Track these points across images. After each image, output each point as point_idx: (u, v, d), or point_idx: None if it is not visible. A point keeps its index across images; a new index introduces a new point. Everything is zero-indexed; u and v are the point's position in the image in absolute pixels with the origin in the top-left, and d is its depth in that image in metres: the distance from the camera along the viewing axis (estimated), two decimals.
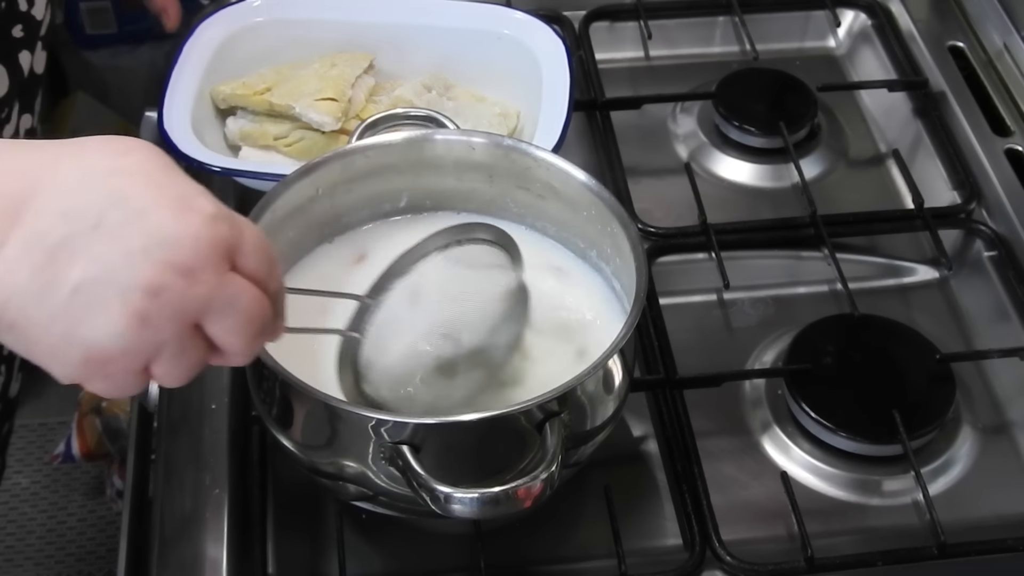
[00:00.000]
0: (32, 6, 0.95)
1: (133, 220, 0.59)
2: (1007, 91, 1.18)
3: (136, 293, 0.58)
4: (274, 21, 1.12)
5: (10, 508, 1.97)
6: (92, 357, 0.59)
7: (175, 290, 0.59)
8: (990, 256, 1.07)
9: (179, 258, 0.59)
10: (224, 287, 0.61)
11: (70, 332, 0.58)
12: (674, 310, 1.01)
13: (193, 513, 0.85)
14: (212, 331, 0.61)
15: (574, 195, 0.88)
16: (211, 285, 0.60)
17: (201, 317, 0.60)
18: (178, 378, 0.62)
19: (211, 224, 0.60)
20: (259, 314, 0.62)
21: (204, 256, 0.60)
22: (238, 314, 0.61)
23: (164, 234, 0.59)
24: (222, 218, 0.61)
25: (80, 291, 0.58)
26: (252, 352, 0.64)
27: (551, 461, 0.72)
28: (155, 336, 0.59)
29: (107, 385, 0.61)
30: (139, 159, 0.62)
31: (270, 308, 0.63)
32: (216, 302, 0.60)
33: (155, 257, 0.58)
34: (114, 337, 0.58)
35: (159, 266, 0.58)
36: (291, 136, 1.06)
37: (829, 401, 0.93)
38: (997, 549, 0.87)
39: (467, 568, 0.85)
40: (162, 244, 0.59)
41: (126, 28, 2.02)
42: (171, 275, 0.58)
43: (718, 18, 1.28)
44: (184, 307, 0.59)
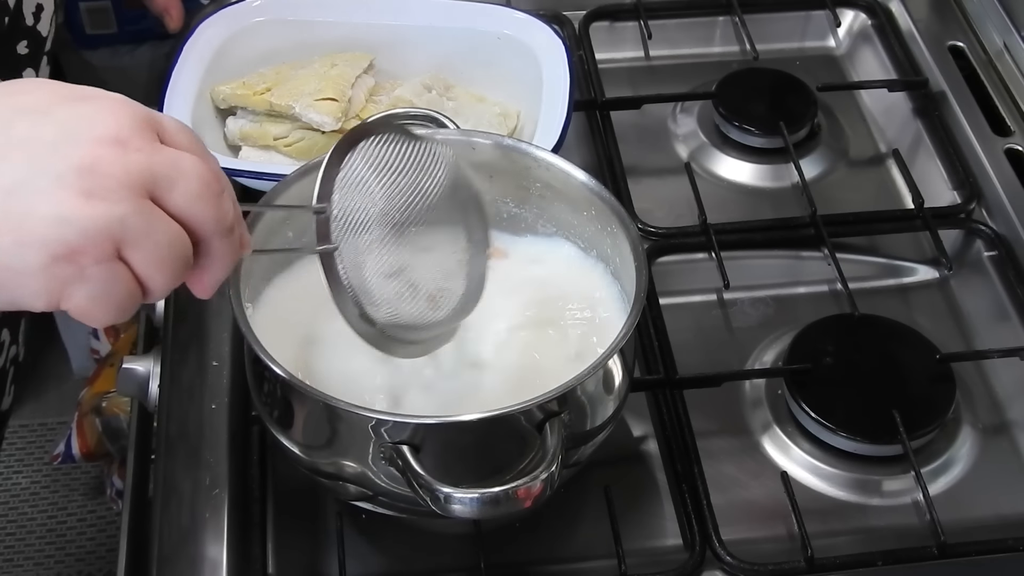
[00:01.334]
0: (38, 21, 0.94)
1: (42, 119, 0.57)
2: (1007, 91, 1.18)
3: (72, 174, 0.56)
4: (274, 21, 1.12)
5: (10, 508, 1.97)
6: (55, 253, 0.56)
7: (112, 160, 0.56)
8: (990, 256, 1.07)
9: (105, 133, 0.57)
10: (162, 152, 0.58)
11: (20, 236, 0.56)
12: (674, 310, 1.01)
13: (193, 513, 0.85)
14: (171, 204, 0.58)
15: (574, 195, 0.88)
16: (147, 152, 0.58)
17: (152, 187, 0.58)
18: (160, 262, 0.58)
19: (124, 103, 0.59)
20: (210, 178, 0.60)
21: (128, 127, 0.58)
22: (188, 178, 0.59)
23: (80, 118, 0.57)
24: (131, 101, 0.60)
25: (13, 193, 0.56)
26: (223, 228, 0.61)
27: (551, 461, 0.72)
28: (110, 209, 0.56)
29: (89, 290, 0.57)
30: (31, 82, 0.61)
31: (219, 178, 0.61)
32: (160, 167, 0.58)
33: (79, 138, 0.56)
34: (65, 222, 0.56)
35: (85, 144, 0.56)
36: (291, 136, 1.06)
37: (829, 401, 0.93)
38: (997, 549, 0.87)
39: (467, 568, 0.85)
40: (81, 126, 0.57)
41: (126, 28, 2.01)
42: (101, 148, 0.57)
43: (718, 18, 1.28)
44: (127, 174, 0.57)
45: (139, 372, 0.95)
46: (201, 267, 0.61)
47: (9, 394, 1.09)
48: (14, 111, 0.58)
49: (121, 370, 0.95)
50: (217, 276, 0.63)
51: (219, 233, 0.61)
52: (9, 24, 0.91)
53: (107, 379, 1.72)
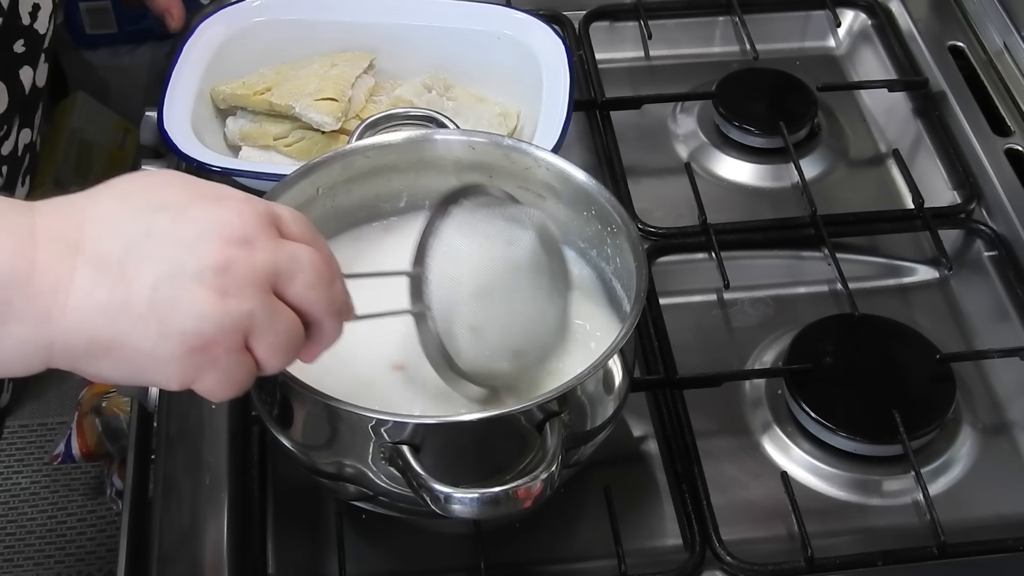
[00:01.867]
0: (35, 20, 0.94)
1: (179, 217, 0.63)
2: (1007, 91, 1.18)
3: (208, 273, 0.61)
4: (274, 21, 1.12)
5: (10, 508, 1.97)
6: (192, 345, 0.61)
7: (241, 260, 0.62)
8: (990, 256, 1.07)
9: (233, 233, 0.63)
10: (282, 249, 0.64)
11: (163, 328, 0.61)
12: (674, 310, 1.01)
13: (193, 513, 0.85)
14: (290, 294, 0.64)
15: (574, 195, 0.88)
16: (270, 249, 0.64)
17: (275, 281, 0.64)
18: (279, 349, 0.64)
19: (248, 202, 0.65)
20: (323, 267, 0.66)
21: (253, 226, 0.64)
22: (305, 270, 0.65)
23: (211, 219, 0.63)
24: (255, 199, 0.66)
25: (158, 288, 0.61)
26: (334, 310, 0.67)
27: (551, 461, 0.72)
28: (240, 306, 0.62)
29: (218, 375, 0.63)
30: (165, 176, 0.66)
31: (331, 264, 0.67)
32: (281, 263, 0.64)
33: (211, 239, 0.62)
34: (204, 317, 0.61)
35: (218, 245, 0.62)
36: (291, 136, 1.06)
37: (829, 401, 0.93)
38: (997, 549, 0.87)
39: (467, 568, 0.85)
40: (213, 227, 0.63)
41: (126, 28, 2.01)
42: (232, 249, 0.62)
43: (718, 18, 1.28)
44: (255, 273, 0.63)
45: None
46: (312, 341, 0.68)
47: (7, 391, 1.09)
48: (154, 206, 0.63)
49: None
50: (324, 347, 0.69)
51: (331, 314, 0.67)
52: (4, 23, 0.91)
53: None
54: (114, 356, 0.62)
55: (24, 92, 0.95)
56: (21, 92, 0.94)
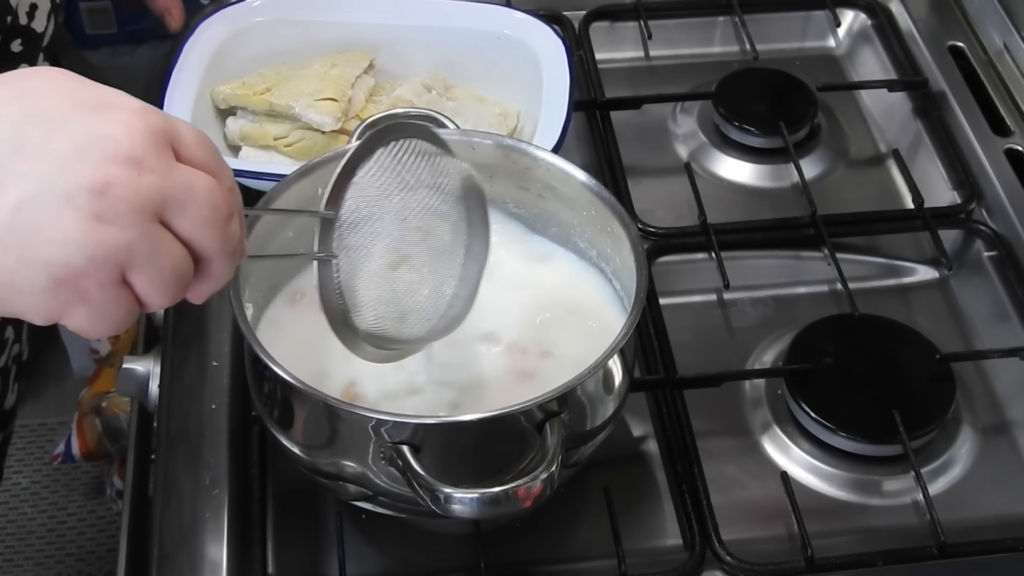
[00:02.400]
0: (32, 19, 0.94)
1: (55, 130, 0.56)
2: (1007, 91, 1.18)
3: (82, 195, 0.55)
4: (274, 21, 1.12)
5: (10, 508, 1.97)
6: (58, 276, 0.55)
7: (123, 182, 0.55)
8: (990, 256, 1.07)
9: (118, 151, 0.56)
10: (175, 174, 0.57)
11: (25, 255, 0.55)
12: (674, 310, 1.01)
13: (193, 513, 0.85)
14: (180, 227, 0.58)
15: (574, 195, 0.88)
16: (160, 173, 0.56)
17: (160, 210, 0.56)
18: (162, 286, 0.58)
19: (141, 114, 0.58)
20: (220, 201, 0.59)
21: (143, 144, 0.56)
22: (199, 202, 0.58)
23: (93, 132, 0.56)
24: (151, 110, 0.58)
25: (21, 209, 0.54)
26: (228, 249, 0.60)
27: (551, 461, 0.72)
28: (118, 235, 0.55)
29: (89, 311, 0.57)
30: (44, 79, 0.59)
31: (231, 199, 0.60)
32: (172, 190, 0.57)
33: (91, 155, 0.55)
34: (73, 246, 0.55)
35: (98, 163, 0.55)
36: (291, 136, 1.06)
37: (829, 401, 0.93)
38: (997, 549, 0.87)
39: (467, 568, 0.85)
40: (94, 142, 0.56)
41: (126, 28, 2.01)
42: (114, 167, 0.55)
43: (718, 18, 1.28)
44: (139, 198, 0.55)
45: (139, 372, 0.95)
46: (199, 279, 0.61)
47: (13, 392, 1.09)
48: (28, 116, 0.56)
49: (121, 370, 0.95)
50: (213, 288, 0.62)
51: (223, 254, 0.60)
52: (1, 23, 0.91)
53: (107, 379, 1.73)
54: None
55: None
56: None
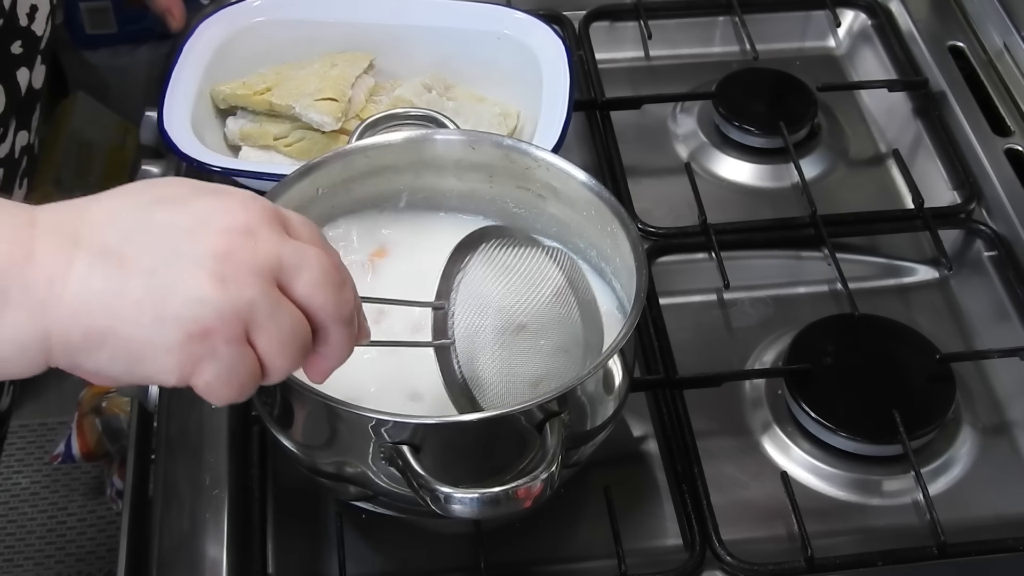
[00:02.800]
0: (32, 21, 0.94)
1: (181, 208, 0.62)
2: (1007, 91, 1.18)
3: (208, 259, 0.60)
4: (274, 21, 1.12)
5: (10, 508, 1.97)
6: (190, 331, 0.59)
7: (243, 248, 0.61)
8: (990, 256, 1.07)
9: (236, 223, 0.61)
10: (288, 243, 0.62)
11: (159, 313, 0.59)
12: (674, 310, 1.01)
13: (193, 513, 0.85)
14: (295, 290, 0.62)
15: (574, 195, 0.88)
16: (275, 242, 0.62)
17: (277, 274, 0.61)
18: (283, 345, 0.62)
19: (254, 197, 0.64)
20: (331, 269, 0.64)
21: (258, 219, 0.62)
22: (312, 267, 0.62)
23: (214, 209, 0.62)
24: (260, 198, 0.64)
25: (155, 273, 0.60)
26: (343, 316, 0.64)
27: (551, 461, 0.72)
28: (241, 293, 0.60)
29: (218, 368, 0.60)
30: (168, 179, 0.67)
31: (341, 269, 0.65)
32: (286, 256, 0.62)
33: (213, 226, 0.61)
34: (202, 303, 0.59)
35: (220, 233, 0.61)
36: (291, 136, 1.06)
37: (829, 401, 0.93)
38: (997, 549, 0.87)
39: (467, 568, 0.85)
40: (215, 216, 0.61)
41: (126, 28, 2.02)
42: (234, 236, 0.61)
43: (718, 18, 1.28)
44: (258, 262, 0.61)
45: None
46: (319, 353, 0.65)
47: (8, 394, 1.09)
48: (154, 200, 0.62)
49: None
50: (334, 363, 0.66)
51: (339, 321, 0.64)
52: (3, 24, 0.91)
53: None
54: (110, 346, 0.60)
55: (20, 93, 0.95)
56: (17, 94, 0.94)
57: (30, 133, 0.99)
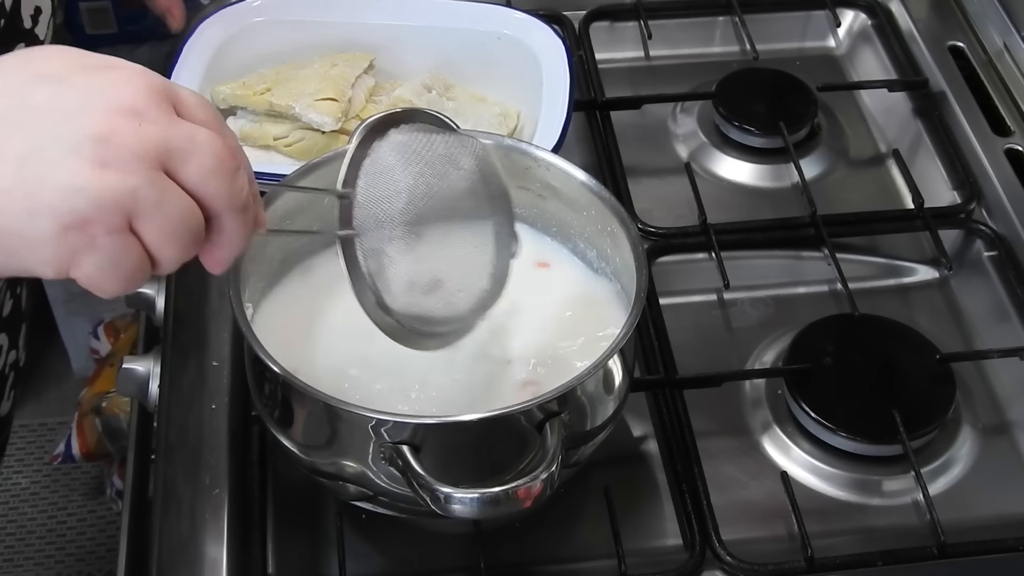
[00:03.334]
0: (36, 23, 0.94)
1: (59, 87, 0.57)
2: (1007, 91, 1.18)
3: (86, 143, 0.56)
4: (274, 21, 1.12)
5: (10, 508, 1.97)
6: (66, 222, 0.56)
7: (126, 131, 0.57)
8: (990, 256, 1.07)
9: (121, 103, 0.57)
10: (177, 126, 0.58)
11: (32, 203, 0.56)
12: (674, 310, 1.01)
13: (193, 513, 0.85)
14: (184, 177, 0.58)
15: (574, 195, 0.88)
16: (163, 124, 0.58)
17: (164, 159, 0.58)
18: (171, 235, 0.58)
19: (142, 73, 0.59)
20: (225, 154, 0.60)
21: (145, 96, 0.58)
22: (203, 152, 0.58)
23: (97, 87, 0.57)
24: (150, 71, 0.60)
25: (27, 160, 0.56)
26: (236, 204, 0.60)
27: (551, 461, 0.72)
28: (122, 180, 0.56)
29: (99, 260, 0.57)
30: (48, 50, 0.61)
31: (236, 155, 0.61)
32: (174, 140, 0.58)
33: (94, 107, 0.57)
34: (78, 192, 0.56)
35: (101, 114, 0.57)
36: (291, 136, 1.06)
37: (829, 401, 0.93)
38: (997, 549, 0.87)
39: (467, 568, 0.85)
40: (97, 95, 0.57)
41: (126, 28, 2.01)
42: (117, 118, 0.57)
43: (718, 18, 1.28)
44: (141, 145, 0.57)
45: (139, 372, 0.95)
46: (213, 243, 0.61)
47: (8, 399, 1.09)
48: (32, 78, 0.58)
49: (121, 370, 0.95)
50: (229, 253, 0.62)
51: (232, 209, 0.60)
52: (5, 26, 0.91)
53: (107, 379, 1.73)
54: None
55: None
56: None
57: None
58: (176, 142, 0.58)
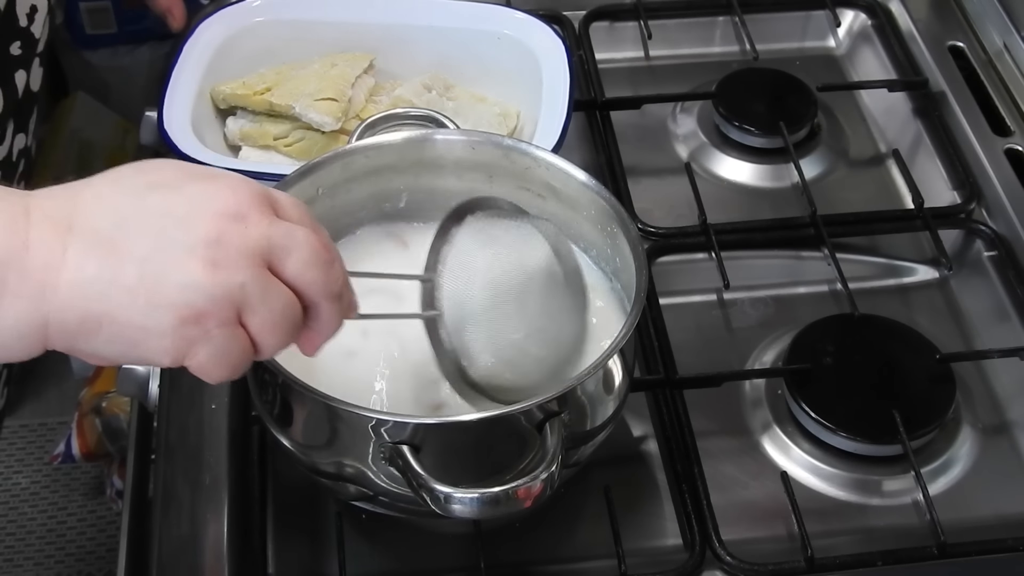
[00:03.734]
0: (32, 22, 0.94)
1: (172, 194, 0.63)
2: (1007, 91, 1.18)
3: (199, 246, 0.61)
4: (274, 21, 1.12)
5: (10, 508, 1.97)
6: (183, 316, 0.61)
7: (234, 233, 0.62)
8: (990, 256, 1.07)
9: (226, 208, 0.63)
10: (277, 225, 0.64)
11: (153, 299, 0.61)
12: (674, 310, 1.01)
13: (193, 513, 0.85)
14: (286, 271, 0.64)
15: (574, 195, 0.88)
16: (264, 225, 0.63)
17: (268, 256, 0.63)
18: (274, 325, 0.63)
19: (243, 181, 0.65)
20: (320, 248, 0.65)
21: (247, 203, 0.63)
22: (301, 247, 0.64)
23: (205, 195, 0.63)
24: (251, 180, 0.66)
25: (148, 260, 0.61)
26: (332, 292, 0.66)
27: (551, 461, 0.72)
28: (232, 277, 0.62)
29: (211, 349, 0.62)
30: (159, 162, 0.67)
31: (330, 248, 0.66)
32: (276, 238, 0.63)
33: (205, 213, 0.62)
34: (194, 288, 0.61)
35: (211, 219, 0.62)
36: (291, 136, 1.06)
37: (829, 401, 0.93)
38: (997, 549, 0.87)
39: (467, 568, 0.85)
40: (206, 201, 0.63)
41: (126, 28, 2.02)
42: (225, 222, 0.62)
43: (718, 18, 1.28)
44: (248, 246, 0.62)
45: (139, 372, 0.95)
46: (311, 328, 0.67)
47: (2, 397, 1.09)
48: (148, 186, 0.64)
49: (121, 370, 0.95)
50: (325, 337, 0.68)
51: (328, 297, 0.66)
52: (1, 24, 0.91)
53: (107, 379, 1.72)
54: (106, 331, 0.61)
55: (18, 95, 0.95)
56: (15, 96, 0.94)
57: (27, 136, 0.99)
58: (277, 240, 0.64)
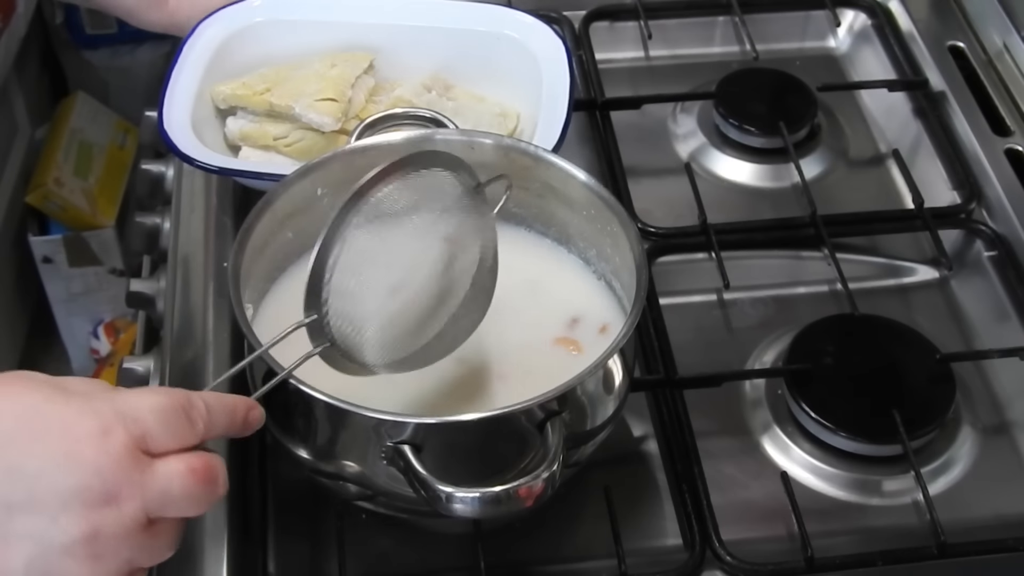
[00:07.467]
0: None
1: (35, 486, 0.62)
2: (1007, 91, 1.18)
3: (78, 546, 0.62)
4: (274, 21, 1.12)
5: None
6: None
7: (108, 522, 0.62)
8: (990, 256, 1.07)
9: (94, 497, 0.62)
10: (150, 486, 0.64)
11: None
12: (674, 310, 1.01)
13: None
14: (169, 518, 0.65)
15: (574, 195, 0.88)
16: (136, 496, 0.63)
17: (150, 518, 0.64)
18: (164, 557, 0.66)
19: (103, 440, 0.63)
20: (194, 485, 0.65)
21: (114, 477, 0.62)
22: (176, 500, 0.64)
23: (68, 483, 0.62)
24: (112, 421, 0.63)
25: (31, 566, 0.62)
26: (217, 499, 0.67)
27: (552, 460, 0.72)
28: (116, 557, 0.63)
29: None
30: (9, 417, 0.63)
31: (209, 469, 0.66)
32: (151, 504, 0.64)
33: (74, 507, 0.61)
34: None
35: (81, 512, 0.62)
36: (291, 136, 1.06)
37: (829, 401, 0.93)
38: (997, 549, 0.87)
39: (467, 568, 0.85)
40: (73, 496, 0.62)
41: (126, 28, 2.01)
42: (96, 514, 0.62)
43: (718, 18, 1.28)
44: (125, 528, 0.63)
45: (139, 372, 0.95)
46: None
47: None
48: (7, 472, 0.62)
49: (121, 370, 0.95)
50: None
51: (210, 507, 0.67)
52: None
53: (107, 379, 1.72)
54: None
55: None
56: None
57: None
58: (153, 505, 0.64)
